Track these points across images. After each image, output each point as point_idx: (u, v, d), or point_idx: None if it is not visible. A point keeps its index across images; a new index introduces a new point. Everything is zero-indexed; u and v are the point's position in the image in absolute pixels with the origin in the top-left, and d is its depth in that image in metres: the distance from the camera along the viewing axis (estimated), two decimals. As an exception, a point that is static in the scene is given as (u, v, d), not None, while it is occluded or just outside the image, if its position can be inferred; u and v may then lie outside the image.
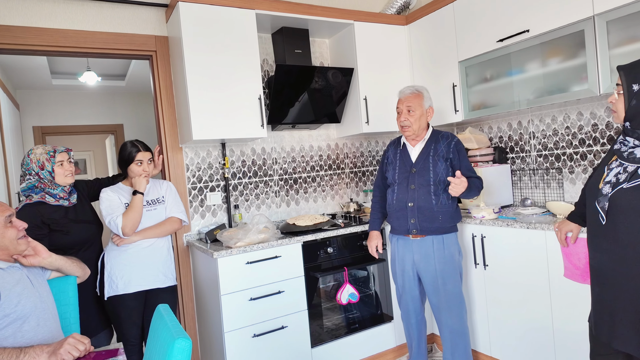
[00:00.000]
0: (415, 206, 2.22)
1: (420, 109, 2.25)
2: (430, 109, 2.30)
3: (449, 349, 2.26)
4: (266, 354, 2.27)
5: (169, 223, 2.24)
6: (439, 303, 2.23)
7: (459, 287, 2.23)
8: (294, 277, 2.37)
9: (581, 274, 1.87)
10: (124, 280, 2.12)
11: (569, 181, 2.54)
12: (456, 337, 2.23)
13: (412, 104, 2.24)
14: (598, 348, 1.58)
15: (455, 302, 2.22)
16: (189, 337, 1.00)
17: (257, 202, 2.94)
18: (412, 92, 2.27)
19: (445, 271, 2.20)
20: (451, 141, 2.26)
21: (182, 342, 0.96)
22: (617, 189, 1.42)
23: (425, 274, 2.25)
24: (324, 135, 3.23)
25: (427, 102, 2.28)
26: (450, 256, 2.21)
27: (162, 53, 2.62)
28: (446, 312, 2.22)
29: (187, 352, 0.96)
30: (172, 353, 0.96)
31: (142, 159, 2.19)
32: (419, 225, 2.22)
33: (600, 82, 2.01)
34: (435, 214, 2.20)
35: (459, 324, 2.22)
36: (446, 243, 2.21)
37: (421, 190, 2.22)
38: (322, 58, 3.21)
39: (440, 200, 2.20)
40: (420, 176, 2.23)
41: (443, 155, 2.23)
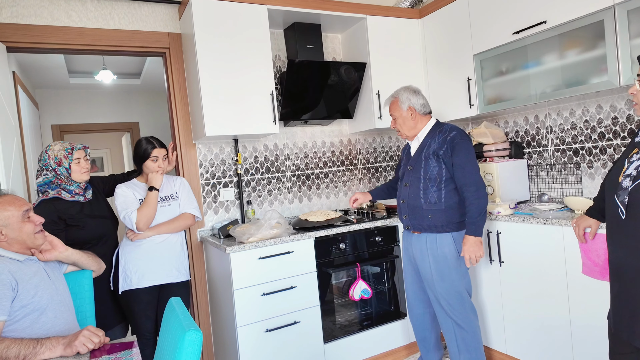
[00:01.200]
0: (406, 204, 2.25)
1: (399, 113, 2.25)
2: (410, 109, 2.22)
3: (454, 346, 2.22)
4: (278, 349, 2.27)
5: (183, 219, 2.26)
6: (435, 298, 2.23)
7: (458, 287, 2.16)
8: (306, 272, 2.37)
9: (600, 270, 1.83)
10: (137, 275, 2.15)
11: (587, 176, 2.48)
12: (463, 335, 2.19)
13: (391, 112, 2.30)
14: (618, 346, 1.54)
15: (456, 301, 2.17)
16: (199, 329, 1.00)
17: (269, 198, 2.95)
18: (389, 101, 2.32)
19: (439, 269, 2.17)
20: (447, 135, 2.14)
21: (193, 334, 0.97)
22: (638, 182, 1.38)
23: (422, 269, 2.25)
24: (337, 131, 3.21)
25: (404, 103, 2.22)
26: (443, 256, 2.15)
27: (175, 50, 2.64)
28: (442, 309, 2.21)
29: (197, 344, 0.96)
30: (182, 345, 0.96)
31: (157, 155, 2.22)
32: (411, 222, 2.24)
33: (620, 74, 1.95)
34: (424, 212, 2.17)
35: (462, 322, 2.17)
36: (439, 243, 2.16)
37: (412, 187, 2.22)
38: (335, 53, 3.19)
39: (429, 199, 2.15)
40: (413, 174, 2.23)
41: (434, 152, 2.15)
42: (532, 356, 2.26)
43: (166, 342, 1.13)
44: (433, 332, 2.40)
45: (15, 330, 1.40)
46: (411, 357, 2.72)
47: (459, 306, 2.18)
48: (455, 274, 2.16)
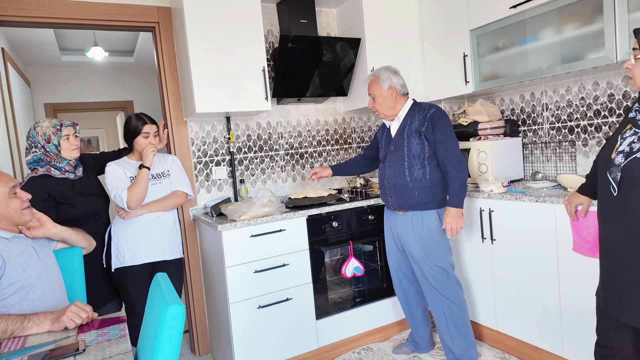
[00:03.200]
0: (391, 183, 2.25)
1: (379, 92, 2.24)
2: (391, 88, 2.22)
3: (443, 319, 2.25)
4: (271, 325, 2.29)
5: (175, 197, 2.25)
6: (422, 275, 2.25)
7: (443, 262, 2.20)
8: (298, 250, 2.37)
9: (590, 247, 1.83)
10: (130, 252, 2.15)
11: (582, 154, 2.46)
12: (450, 309, 2.22)
13: (371, 90, 2.28)
14: (606, 322, 1.55)
15: (442, 276, 2.20)
16: (182, 303, 1.00)
17: (262, 177, 2.93)
18: (370, 79, 2.29)
19: (425, 246, 2.19)
20: (427, 113, 2.18)
21: (175, 308, 0.96)
22: (630, 158, 1.36)
23: (408, 247, 2.27)
24: (331, 109, 3.17)
25: (385, 82, 2.22)
26: (429, 233, 2.18)
27: (165, 25, 2.58)
28: (429, 285, 2.23)
29: (179, 318, 0.96)
30: (165, 319, 0.96)
31: (148, 131, 2.20)
32: (397, 201, 2.24)
33: (617, 49, 1.91)
34: (410, 190, 2.19)
35: (449, 296, 2.21)
36: (425, 220, 2.19)
37: (396, 167, 2.22)
38: (329, 28, 3.12)
39: (415, 176, 2.17)
40: (396, 153, 2.23)
41: (416, 130, 2.18)
42: (522, 332, 2.29)
43: (150, 317, 1.13)
44: (419, 307, 2.43)
45: (4, 307, 1.40)
46: (402, 333, 2.76)
47: (446, 280, 2.21)
48: (440, 250, 2.20)
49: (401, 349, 2.51)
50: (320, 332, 2.45)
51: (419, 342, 2.47)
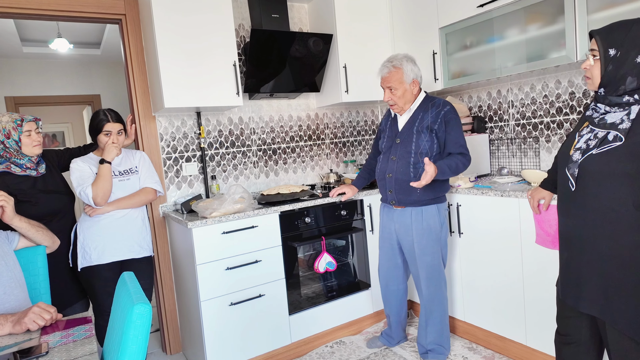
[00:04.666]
0: (393, 178, 2.20)
1: (401, 85, 2.13)
2: (414, 81, 2.15)
3: (424, 317, 2.30)
4: (243, 322, 2.29)
5: (143, 193, 2.21)
6: (418, 273, 2.25)
7: (438, 259, 2.21)
8: (271, 246, 2.37)
9: (552, 240, 1.90)
10: (97, 251, 2.10)
11: (545, 150, 2.56)
12: (432, 305, 2.26)
13: (392, 83, 2.14)
14: (565, 311, 1.62)
15: (434, 274, 2.22)
16: (148, 302, 0.98)
17: (235, 173, 2.90)
18: (390, 70, 2.14)
19: (422, 243, 2.19)
20: (441, 110, 2.12)
21: (142, 307, 0.95)
22: (586, 155, 1.42)
23: (405, 244, 2.26)
24: (304, 105, 3.17)
25: (408, 75, 2.13)
26: (428, 228, 2.18)
27: (132, 17, 2.51)
28: (424, 282, 2.24)
29: (146, 318, 0.94)
30: (131, 318, 0.94)
31: (110, 129, 2.13)
32: (396, 197, 2.21)
33: (577, 49, 1.98)
34: (412, 187, 2.13)
35: (436, 294, 2.24)
36: (425, 215, 2.18)
37: (401, 161, 2.17)
38: (302, 24, 3.11)
39: (420, 173, 2.12)
40: (402, 147, 2.18)
41: (428, 126, 2.12)
42: (488, 322, 2.37)
43: (116, 317, 1.11)
44: (404, 306, 2.46)
45: (-38, 308, 1.34)
46: (374, 326, 2.80)
47: (436, 278, 2.23)
48: (437, 245, 2.20)
49: (375, 343, 2.54)
50: (293, 327, 2.46)
51: (393, 336, 2.50)
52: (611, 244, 1.38)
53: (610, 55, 1.38)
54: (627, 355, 1.40)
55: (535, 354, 2.14)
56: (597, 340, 1.58)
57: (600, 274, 1.42)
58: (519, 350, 2.23)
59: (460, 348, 2.44)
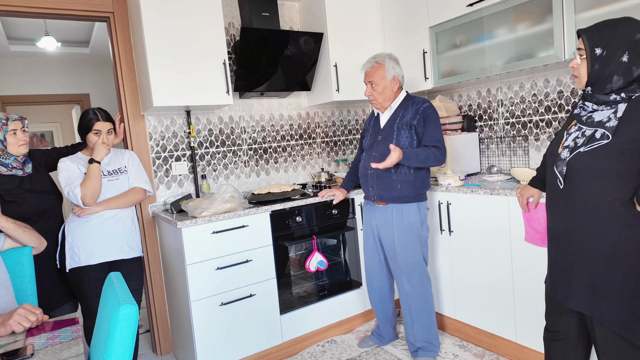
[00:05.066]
0: (374, 174, 2.23)
1: (382, 81, 2.20)
2: (395, 79, 2.21)
3: (408, 314, 2.30)
4: (234, 322, 2.27)
5: (133, 193, 2.19)
6: (398, 269, 2.27)
7: (418, 256, 2.23)
8: (262, 246, 2.36)
9: (541, 237, 1.92)
10: (86, 252, 2.07)
11: (534, 148, 2.58)
12: (416, 303, 2.26)
13: (373, 77, 2.21)
14: (553, 308, 1.63)
15: (415, 270, 2.23)
16: (135, 303, 0.97)
17: (225, 172, 2.89)
18: (372, 65, 2.22)
19: (402, 240, 2.21)
20: (420, 106, 2.17)
21: (127, 308, 0.94)
22: (574, 153, 1.43)
23: (385, 241, 2.28)
24: (295, 104, 3.16)
25: (389, 72, 2.19)
26: (409, 225, 2.20)
27: (121, 15, 2.48)
28: (405, 279, 2.26)
29: (132, 318, 0.93)
30: (117, 319, 0.93)
31: (100, 129, 2.11)
32: (378, 193, 2.24)
33: (565, 48, 2.00)
34: (393, 182, 2.18)
35: (418, 291, 2.25)
36: (405, 213, 2.20)
37: (382, 157, 2.19)
38: (292, 22, 3.10)
39: (400, 169, 2.17)
40: (384, 144, 2.22)
41: (407, 122, 2.17)
42: (478, 320, 2.38)
43: (103, 318, 1.10)
44: (391, 304, 2.47)
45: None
46: (366, 325, 2.80)
47: (418, 274, 2.24)
48: (417, 243, 2.22)
49: (366, 342, 2.54)
50: (284, 327, 2.45)
51: (384, 335, 2.51)
52: (599, 241, 1.39)
53: (597, 54, 1.39)
54: (615, 351, 1.41)
55: (525, 350, 2.16)
56: (585, 336, 1.59)
57: (588, 271, 1.43)
58: (509, 348, 2.24)
59: (450, 346, 2.46)
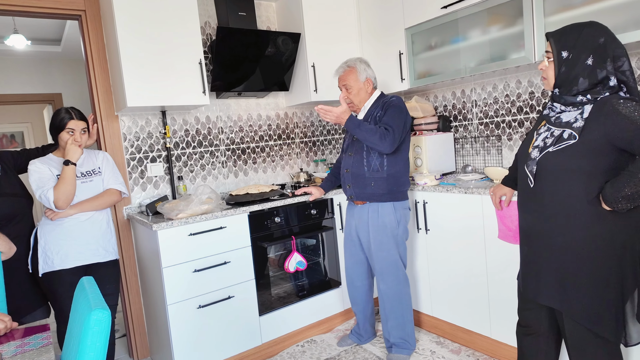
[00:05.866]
0: (350, 172, 2.28)
1: (356, 84, 2.25)
2: (368, 80, 2.26)
3: (384, 312, 2.33)
4: (212, 324, 2.26)
5: (107, 195, 2.14)
6: (375, 267, 2.30)
7: (394, 256, 2.25)
8: (240, 247, 2.35)
9: (513, 235, 1.97)
10: (60, 255, 2.02)
11: (507, 148, 2.64)
12: (391, 301, 2.29)
13: (346, 81, 2.26)
14: (525, 303, 1.68)
15: (390, 269, 2.26)
16: (107, 308, 0.95)
17: (202, 173, 2.86)
18: (345, 70, 2.28)
19: (378, 238, 2.24)
20: (387, 101, 2.21)
21: (99, 313, 0.92)
22: (544, 152, 1.47)
23: (363, 239, 2.31)
24: (273, 104, 3.16)
25: (362, 74, 2.25)
26: (384, 225, 2.22)
27: (93, 13, 2.43)
28: (380, 277, 2.29)
29: (104, 324, 0.92)
30: (88, 325, 0.91)
31: (74, 127, 2.06)
32: (354, 191, 2.28)
33: (535, 50, 2.06)
34: (367, 180, 2.22)
35: (393, 289, 2.27)
36: (381, 212, 2.23)
37: (356, 156, 2.25)
38: (269, 22, 3.09)
39: (372, 166, 2.20)
40: (358, 143, 2.26)
41: (375, 118, 2.21)
42: (455, 316, 2.43)
43: (74, 323, 1.07)
44: (370, 303, 2.49)
45: None
46: (345, 323, 2.82)
47: (394, 274, 2.26)
48: (392, 243, 2.24)
49: (345, 341, 2.55)
50: (263, 328, 2.45)
51: (363, 334, 2.52)
52: (567, 237, 1.44)
53: (563, 57, 1.43)
54: (583, 344, 1.47)
55: (500, 345, 2.21)
56: (555, 330, 1.65)
57: (558, 267, 1.47)
58: (484, 343, 2.29)
59: (428, 342, 2.49)
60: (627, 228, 1.38)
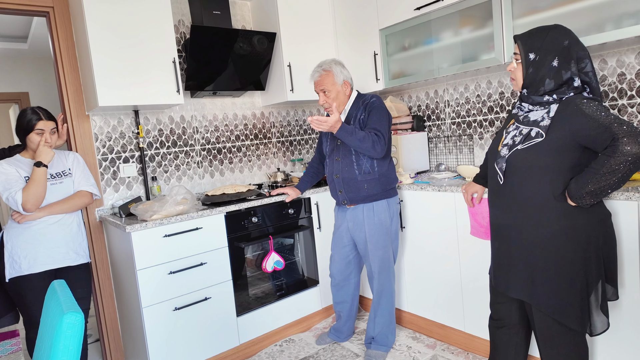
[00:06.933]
0: (340, 178, 2.25)
1: (334, 87, 2.21)
2: (345, 82, 2.24)
3: (374, 309, 2.36)
4: (189, 326, 2.23)
5: (79, 197, 2.09)
6: (371, 267, 2.31)
7: (388, 253, 2.27)
8: (217, 248, 2.33)
9: (485, 231, 2.02)
10: (28, 260, 1.96)
11: (478, 146, 2.71)
12: (381, 299, 2.32)
13: (324, 85, 2.21)
14: (497, 297, 1.73)
15: (384, 267, 2.28)
16: (80, 311, 0.93)
17: (177, 174, 2.82)
18: (321, 74, 2.22)
19: (375, 237, 2.24)
20: (367, 101, 2.20)
21: (72, 316, 0.90)
22: (513, 150, 1.52)
23: (358, 240, 2.31)
24: (249, 103, 3.14)
25: (339, 77, 2.21)
26: (380, 223, 2.23)
27: (61, 9, 2.36)
28: (376, 276, 2.30)
29: (77, 328, 0.90)
30: (60, 329, 0.89)
31: (43, 128, 2.00)
32: (347, 196, 2.26)
33: (505, 51, 2.12)
34: (359, 183, 2.20)
35: (385, 286, 2.30)
36: (376, 210, 2.23)
37: (345, 161, 2.22)
38: (244, 21, 3.08)
39: (363, 169, 2.18)
40: (344, 147, 2.23)
41: (359, 120, 2.20)
42: (430, 312, 2.48)
43: (45, 328, 1.04)
44: (356, 301, 2.51)
45: None
46: (323, 322, 2.84)
47: (386, 272, 2.29)
48: (387, 240, 2.25)
49: (324, 339, 2.56)
50: (241, 329, 2.44)
51: (344, 331, 2.54)
52: (535, 232, 1.49)
53: (530, 58, 1.49)
54: (551, 334, 1.52)
55: (474, 339, 2.27)
56: (525, 322, 1.70)
57: (526, 261, 1.53)
58: (458, 337, 2.35)
59: (404, 338, 2.54)
60: (591, 222, 1.45)
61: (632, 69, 2.04)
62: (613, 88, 2.11)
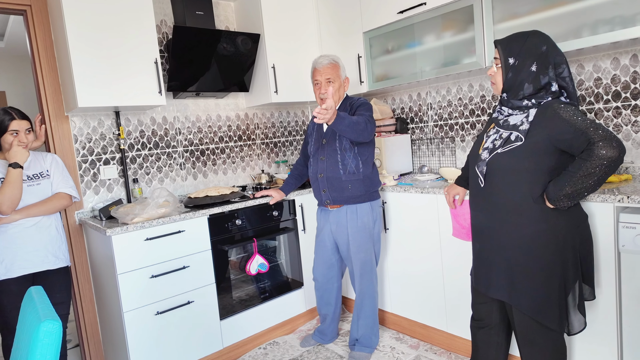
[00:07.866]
0: (324, 177, 2.25)
1: (338, 80, 2.21)
2: (346, 79, 2.28)
3: (357, 311, 2.36)
4: (171, 331, 2.20)
5: (57, 199, 2.05)
6: (353, 269, 2.31)
7: (370, 256, 2.28)
8: (200, 251, 2.31)
9: (467, 232, 2.05)
10: (4, 264, 1.91)
11: (460, 149, 2.75)
12: (364, 300, 2.33)
13: (331, 75, 2.18)
14: (478, 298, 1.76)
15: (366, 269, 2.29)
16: (58, 319, 0.91)
17: (159, 176, 2.78)
18: (330, 62, 2.19)
19: (357, 240, 2.25)
20: (354, 103, 2.21)
21: (49, 324, 0.88)
22: (493, 154, 1.55)
23: (340, 242, 2.31)
24: (233, 104, 3.12)
25: (343, 72, 2.25)
26: (363, 225, 2.24)
27: (39, 7, 2.31)
28: (358, 278, 2.31)
29: (55, 336, 0.88)
30: (37, 337, 0.87)
31: (17, 128, 1.95)
32: (330, 195, 2.25)
33: (485, 55, 2.16)
34: (343, 183, 2.20)
35: (367, 289, 2.31)
36: (359, 212, 2.23)
37: (330, 160, 2.22)
38: (228, 22, 3.06)
39: (348, 169, 2.19)
40: (329, 146, 2.24)
41: None
42: (413, 312, 2.50)
43: (22, 336, 1.02)
44: (339, 303, 2.51)
45: None
46: (307, 324, 2.84)
47: (369, 275, 2.29)
48: (369, 242, 2.26)
49: (308, 341, 2.56)
50: (225, 332, 2.42)
51: (328, 333, 2.54)
52: (515, 234, 1.52)
53: (510, 63, 1.52)
54: (530, 334, 1.55)
55: (455, 339, 2.30)
56: (506, 323, 1.73)
57: (507, 262, 1.56)
58: (441, 337, 2.38)
59: (388, 339, 2.55)
60: (569, 224, 1.48)
61: (607, 73, 2.10)
62: (590, 92, 2.16)
